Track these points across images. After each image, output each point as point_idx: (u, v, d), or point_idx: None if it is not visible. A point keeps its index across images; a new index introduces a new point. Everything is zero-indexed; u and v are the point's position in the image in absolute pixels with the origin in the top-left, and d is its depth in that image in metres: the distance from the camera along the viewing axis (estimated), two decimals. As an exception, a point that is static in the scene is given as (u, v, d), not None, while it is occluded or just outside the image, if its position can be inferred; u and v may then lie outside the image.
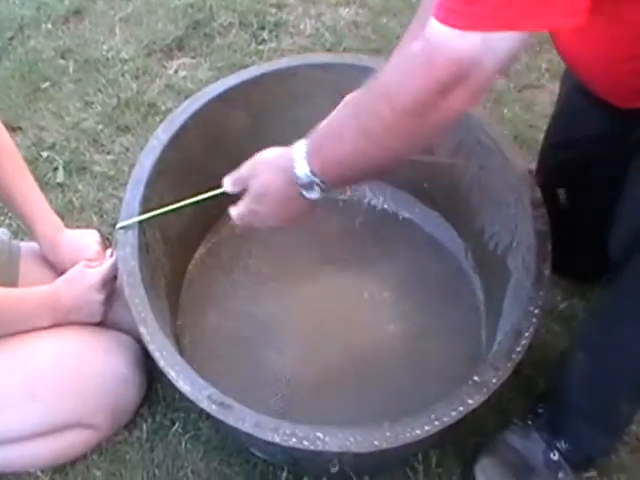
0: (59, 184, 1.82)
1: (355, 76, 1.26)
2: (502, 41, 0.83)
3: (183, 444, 1.36)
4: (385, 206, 1.67)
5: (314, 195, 1.05)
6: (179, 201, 1.31)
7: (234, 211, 1.15)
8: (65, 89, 2.03)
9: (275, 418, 1.18)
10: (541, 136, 1.75)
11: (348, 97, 1.10)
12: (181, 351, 1.40)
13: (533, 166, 1.60)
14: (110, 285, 1.36)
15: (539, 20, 0.82)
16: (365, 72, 1.29)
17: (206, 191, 1.26)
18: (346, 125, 0.98)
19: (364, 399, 1.39)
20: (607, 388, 1.19)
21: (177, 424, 1.38)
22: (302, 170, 1.02)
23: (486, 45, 0.83)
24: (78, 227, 1.66)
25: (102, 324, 1.38)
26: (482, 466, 1.27)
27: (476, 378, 1.15)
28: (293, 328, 1.49)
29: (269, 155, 1.11)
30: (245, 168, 1.13)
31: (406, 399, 1.36)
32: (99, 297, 1.34)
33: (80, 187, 1.81)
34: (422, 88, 0.87)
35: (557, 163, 1.50)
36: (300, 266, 1.58)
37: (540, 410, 1.30)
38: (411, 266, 1.57)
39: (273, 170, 1.07)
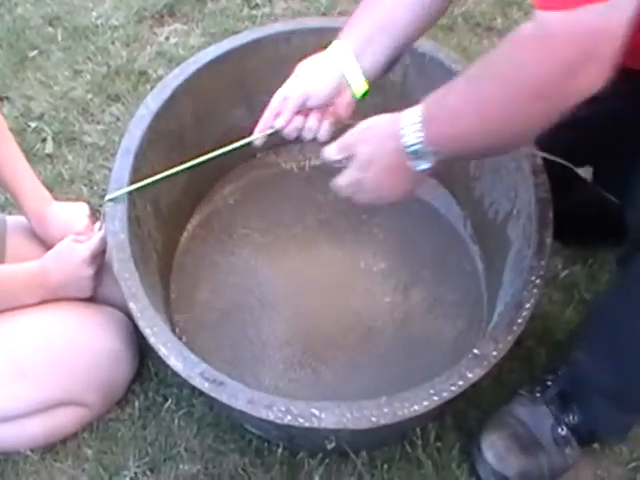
0: (48, 155, 1.78)
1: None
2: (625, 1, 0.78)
3: (176, 421, 1.33)
4: (382, 174, 1.63)
5: (424, 166, 1.00)
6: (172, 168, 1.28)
7: (339, 181, 1.10)
8: (53, 57, 1.98)
9: (269, 393, 1.16)
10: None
11: (466, 71, 1.00)
12: (173, 325, 1.38)
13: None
14: (100, 259, 1.33)
15: None
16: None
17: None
18: (465, 106, 0.93)
19: (360, 372, 1.36)
20: (629, 364, 1.14)
21: (170, 400, 1.35)
22: (412, 138, 0.97)
23: (610, 8, 0.77)
24: (68, 199, 1.63)
25: (92, 299, 1.35)
26: (490, 440, 1.24)
27: (476, 351, 1.11)
28: (288, 300, 1.46)
29: (380, 121, 1.05)
30: (353, 133, 1.07)
31: (403, 372, 1.34)
32: (88, 272, 1.31)
33: (70, 158, 1.77)
34: (546, 71, 0.82)
35: (560, 123, 1.45)
36: (295, 236, 1.55)
37: (549, 382, 1.27)
38: (408, 235, 1.53)
39: (383, 136, 1.02)
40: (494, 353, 1.11)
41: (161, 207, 1.42)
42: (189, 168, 1.28)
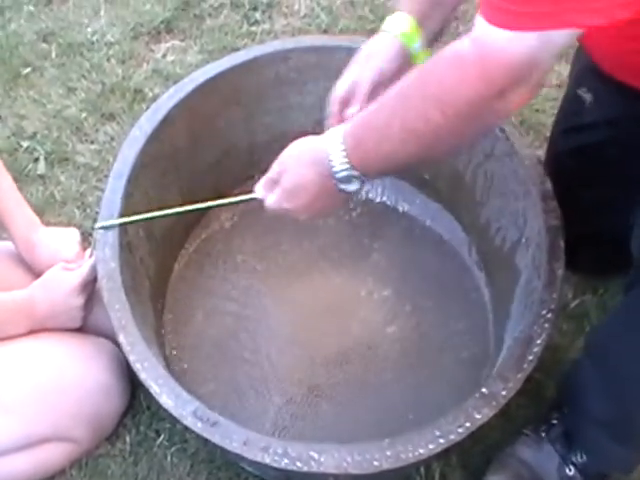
0: (40, 176, 1.72)
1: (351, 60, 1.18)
2: (559, 37, 0.80)
3: (169, 457, 1.28)
4: (384, 198, 1.57)
5: (352, 187, 1.00)
6: (182, 205, 1.25)
7: (268, 204, 1.08)
8: (47, 75, 1.92)
9: (265, 428, 1.13)
10: (548, 120, 1.67)
11: (393, 89, 0.99)
12: (166, 356, 1.32)
13: (541, 152, 1.52)
14: (90, 288, 1.27)
15: (600, 14, 0.77)
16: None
17: (214, 198, 1.22)
18: (391, 123, 0.92)
19: (362, 407, 1.30)
20: (627, 397, 1.09)
21: (162, 435, 1.30)
22: (340, 164, 0.97)
23: (542, 43, 0.80)
24: (59, 222, 1.60)
25: (82, 329, 1.29)
26: None
27: (484, 390, 1.06)
28: (285, 329, 1.40)
29: (298, 149, 1.04)
30: (274, 167, 1.06)
31: (407, 407, 1.29)
32: (78, 302, 1.25)
33: (62, 179, 1.71)
34: (477, 94, 0.84)
35: (568, 150, 1.40)
36: (293, 262, 1.49)
37: (554, 421, 1.21)
38: (411, 262, 1.48)
39: (306, 164, 1.02)
40: (503, 393, 1.06)
41: (154, 232, 1.37)
42: (186, 212, 1.25)
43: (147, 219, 1.25)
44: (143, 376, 1.09)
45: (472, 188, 1.43)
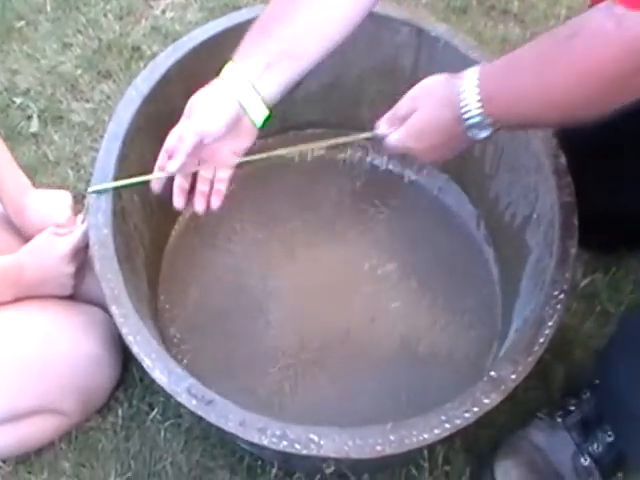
0: (33, 134, 1.65)
1: (363, 22, 1.12)
2: None
3: (162, 433, 1.23)
4: (389, 166, 1.51)
5: (483, 134, 0.96)
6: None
7: (391, 142, 1.04)
8: (41, 29, 1.85)
9: (264, 406, 1.09)
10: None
11: (533, 47, 0.95)
12: (161, 330, 1.27)
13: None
14: (82, 255, 1.21)
15: None
16: (373, 20, 1.14)
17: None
18: (530, 88, 0.90)
19: (363, 385, 1.26)
20: None
21: (156, 409, 1.25)
22: (473, 111, 0.93)
23: None
24: (52, 183, 1.55)
25: (72, 298, 1.24)
26: (504, 468, 1.14)
27: (492, 373, 1.01)
28: (285, 303, 1.35)
29: (432, 86, 1.00)
30: (402, 102, 1.02)
31: (410, 387, 1.24)
32: (69, 269, 1.20)
33: (56, 138, 1.65)
34: (620, 72, 0.81)
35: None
36: (294, 233, 1.43)
37: (571, 407, 1.16)
38: (418, 235, 1.42)
39: (438, 105, 0.97)
40: (512, 376, 1.01)
41: (149, 198, 1.29)
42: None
43: (143, 182, 1.18)
44: (135, 349, 1.04)
45: (481, 160, 1.37)
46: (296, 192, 1.47)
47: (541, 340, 1.03)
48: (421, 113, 0.98)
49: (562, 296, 1.07)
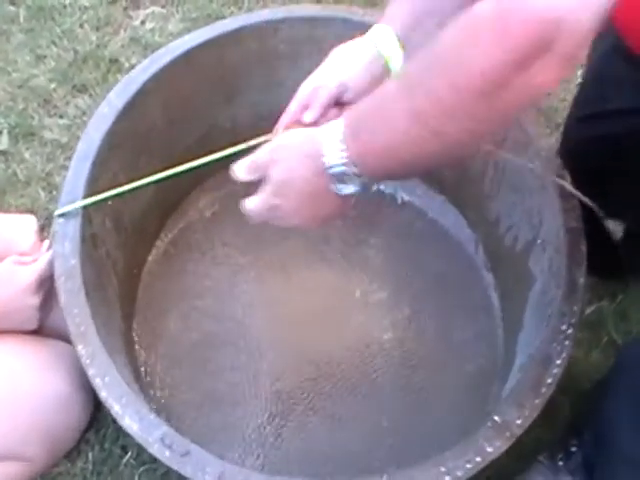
0: (2, 152, 1.56)
1: (347, 33, 1.03)
2: None
3: (136, 478, 1.13)
4: (381, 187, 1.42)
5: (349, 189, 0.83)
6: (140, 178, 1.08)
7: (250, 205, 0.91)
8: (14, 40, 1.75)
9: (245, 447, 1.06)
10: (560, 105, 1.53)
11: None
12: (136, 365, 1.18)
13: (553, 140, 1.37)
14: (47, 285, 1.11)
15: None
16: (358, 28, 1.05)
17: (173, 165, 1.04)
18: (395, 106, 0.76)
19: (356, 424, 1.17)
20: None
21: (130, 453, 1.15)
22: (335, 158, 0.80)
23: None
24: (22, 205, 1.47)
25: (38, 332, 1.14)
26: None
27: (496, 418, 0.92)
28: (270, 333, 1.26)
29: (293, 138, 0.87)
30: (263, 153, 0.89)
31: (405, 427, 1.15)
32: (34, 300, 1.10)
33: (27, 156, 1.56)
34: (492, 61, 0.68)
35: (585, 139, 1.26)
36: (280, 257, 1.34)
37: (573, 448, 1.07)
38: (411, 260, 1.34)
39: (299, 156, 0.85)
40: (518, 421, 0.92)
41: (124, 222, 1.22)
42: (157, 181, 1.08)
43: (114, 196, 1.10)
44: (103, 394, 0.95)
45: (480, 180, 1.29)
46: (282, 213, 1.38)
47: (549, 381, 0.95)
48: (283, 166, 0.86)
49: (570, 331, 0.99)
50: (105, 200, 1.11)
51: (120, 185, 1.10)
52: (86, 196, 1.11)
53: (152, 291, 1.29)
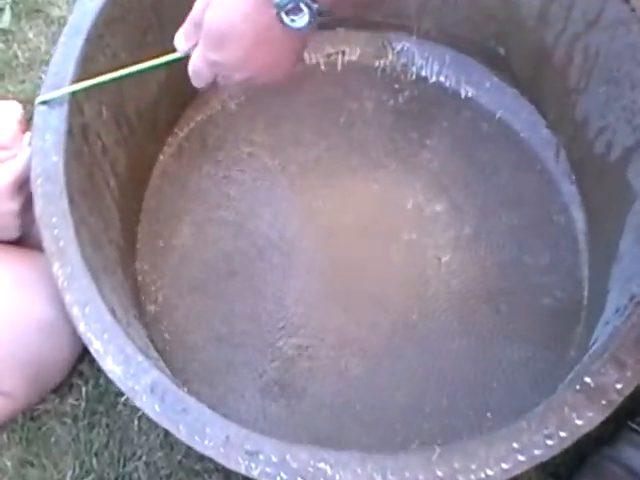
0: (3, 30, 1.37)
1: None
2: None
3: (136, 422, 0.95)
4: (441, 77, 1.18)
5: (300, 21, 0.66)
6: (134, 64, 0.86)
7: (190, 66, 0.75)
8: None
9: (255, 402, 0.87)
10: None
11: None
12: (135, 289, 0.97)
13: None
14: (29, 187, 0.91)
15: None
16: None
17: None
18: None
19: (397, 377, 0.95)
20: None
21: (128, 390, 0.96)
22: None
23: None
24: (21, 91, 1.30)
25: (19, 243, 0.95)
26: None
27: (588, 380, 0.70)
28: (301, 254, 1.04)
29: None
30: (196, 5, 0.72)
31: (462, 382, 0.93)
32: (12, 206, 0.90)
33: (30, 36, 1.36)
34: None
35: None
36: (318, 160, 1.12)
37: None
38: (475, 167, 1.10)
39: None
40: (618, 386, 0.69)
41: (127, 112, 1.00)
42: (167, 63, 0.85)
43: (111, 81, 0.87)
44: (82, 326, 0.75)
45: (565, 69, 1.04)
46: (321, 109, 1.15)
47: (661, 330, 0.72)
48: (215, 11, 0.68)
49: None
50: (100, 85, 0.89)
51: (121, 67, 0.88)
52: (76, 80, 0.89)
53: (161, 198, 1.08)
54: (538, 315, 0.97)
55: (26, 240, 0.96)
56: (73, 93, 0.88)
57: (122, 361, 0.72)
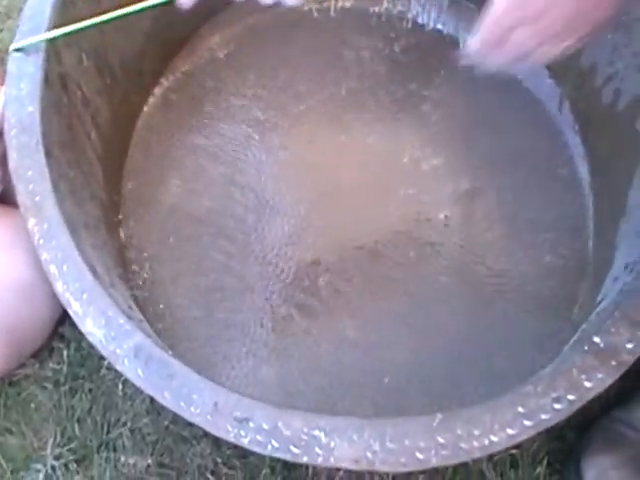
0: (-21, -24, 1.29)
1: None
2: None
3: (121, 386, 0.91)
4: (438, 25, 1.12)
5: None
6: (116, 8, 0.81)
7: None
8: None
9: (253, 353, 0.85)
10: None
11: None
12: (119, 246, 0.93)
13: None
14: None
15: None
16: None
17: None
18: None
19: (396, 340, 0.91)
20: None
21: (113, 353, 0.92)
22: None
23: None
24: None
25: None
26: (598, 467, 0.80)
27: (597, 340, 0.66)
28: (293, 208, 0.99)
29: None
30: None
31: (463, 344, 0.89)
32: (-13, 160, 0.85)
33: (10, -19, 1.29)
34: None
35: None
36: (311, 112, 1.06)
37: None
38: (476, 119, 1.05)
39: None
40: (629, 345, 0.66)
41: (109, 60, 0.95)
42: (154, 6, 0.81)
43: (91, 27, 0.82)
44: (59, 286, 0.70)
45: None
46: (315, 58, 1.10)
47: (673, 288, 0.68)
48: None
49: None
50: (80, 31, 0.84)
51: (103, 13, 0.83)
52: (55, 26, 0.84)
53: (146, 150, 1.03)
54: (541, 272, 0.92)
55: (5, 197, 0.91)
56: (51, 40, 0.83)
57: (103, 324, 0.68)
